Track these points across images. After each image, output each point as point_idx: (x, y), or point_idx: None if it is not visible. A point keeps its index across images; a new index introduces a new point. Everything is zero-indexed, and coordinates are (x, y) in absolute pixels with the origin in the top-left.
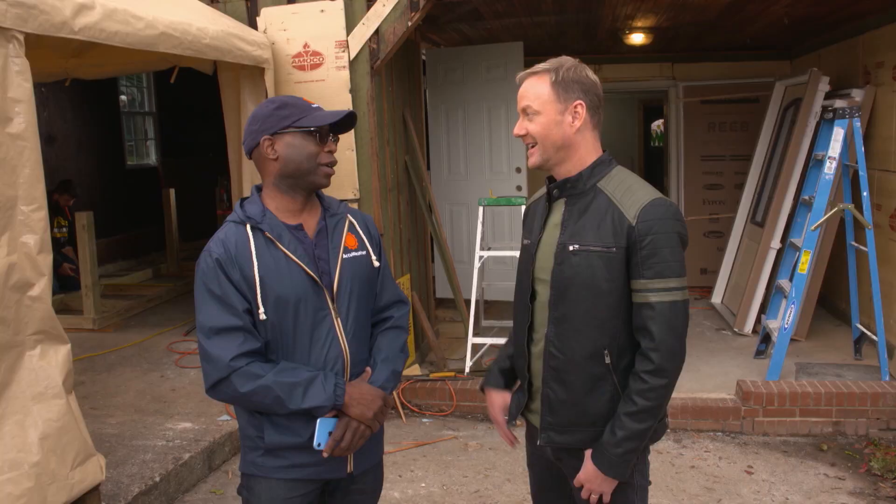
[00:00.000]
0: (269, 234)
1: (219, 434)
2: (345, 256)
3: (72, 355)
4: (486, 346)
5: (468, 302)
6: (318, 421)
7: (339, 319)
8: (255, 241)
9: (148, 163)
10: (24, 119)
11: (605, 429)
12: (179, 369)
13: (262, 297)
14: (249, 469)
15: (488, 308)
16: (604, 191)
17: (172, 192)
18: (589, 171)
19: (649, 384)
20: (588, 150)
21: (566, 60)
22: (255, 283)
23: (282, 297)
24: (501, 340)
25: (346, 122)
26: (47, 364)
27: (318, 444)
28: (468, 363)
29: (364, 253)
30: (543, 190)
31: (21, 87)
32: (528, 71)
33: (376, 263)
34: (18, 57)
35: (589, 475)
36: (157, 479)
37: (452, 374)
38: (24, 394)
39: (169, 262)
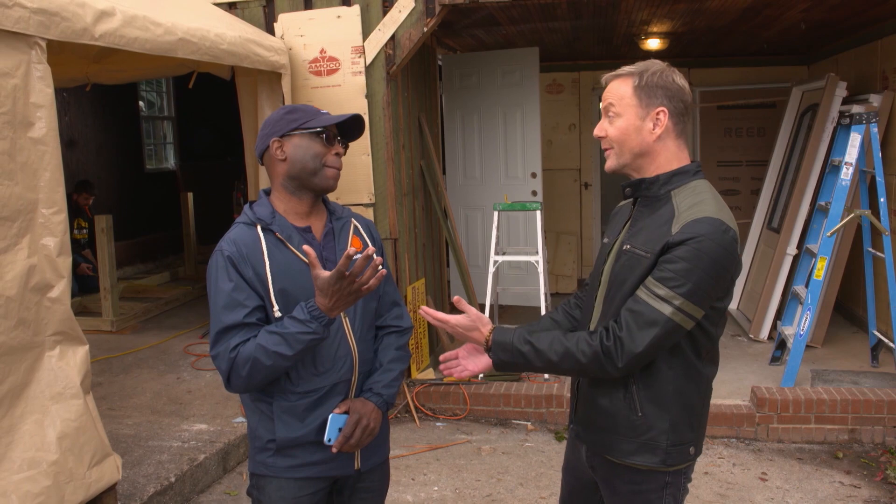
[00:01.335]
0: (279, 235)
1: (234, 436)
2: None
3: (90, 356)
4: None
5: (483, 306)
6: (330, 417)
7: (346, 319)
8: (266, 241)
9: (166, 167)
10: (45, 124)
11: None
12: (195, 371)
13: (275, 294)
14: (259, 469)
15: (502, 313)
16: (673, 201)
17: (190, 195)
18: (667, 178)
19: (593, 350)
20: (669, 158)
21: (653, 64)
22: (267, 281)
23: (293, 297)
24: None
25: (354, 127)
26: (66, 364)
27: (329, 440)
28: None
29: None
30: None
31: (42, 92)
32: (613, 73)
33: None
34: (40, 63)
35: (456, 324)
36: (173, 479)
37: (467, 378)
38: (42, 394)
39: (186, 266)
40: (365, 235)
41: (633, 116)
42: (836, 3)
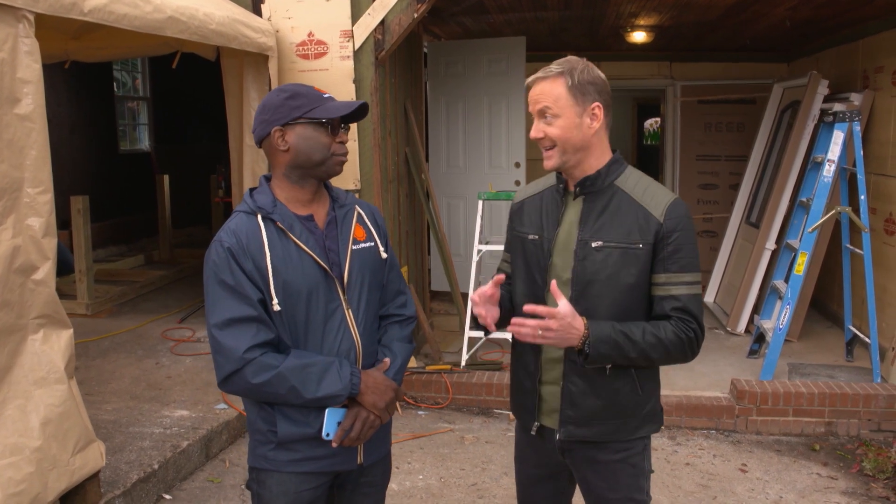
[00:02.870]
0: (280, 225)
1: (216, 423)
2: (354, 248)
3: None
4: (482, 340)
5: (466, 295)
6: (327, 411)
7: (350, 311)
8: (266, 231)
9: (141, 148)
10: (32, 100)
11: (623, 326)
12: (175, 356)
13: (274, 287)
14: (260, 463)
15: None
16: (622, 189)
17: (166, 178)
18: (606, 170)
19: (681, 339)
20: (602, 150)
21: (576, 61)
22: (267, 273)
23: (294, 288)
24: (498, 334)
25: (357, 112)
26: (49, 349)
27: (327, 434)
28: (464, 356)
29: (372, 244)
30: (541, 184)
31: (30, 67)
32: (539, 75)
33: (384, 255)
34: (28, 37)
35: (564, 315)
36: (156, 466)
37: (448, 366)
38: (25, 378)
39: (161, 249)
40: (369, 223)
41: (572, 115)
42: (823, 2)
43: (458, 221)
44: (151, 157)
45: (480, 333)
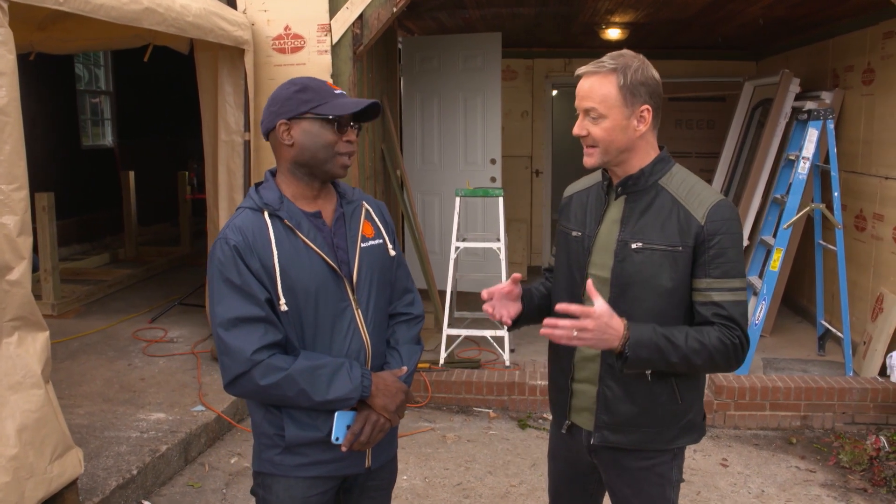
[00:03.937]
0: (287, 222)
1: (194, 425)
2: (362, 245)
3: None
4: (460, 338)
5: (443, 293)
6: (336, 414)
7: (359, 310)
8: (273, 228)
9: (104, 144)
10: (6, 93)
11: (665, 329)
12: (147, 358)
13: (282, 287)
14: (266, 468)
15: (459, 299)
16: (666, 189)
17: (132, 174)
18: (650, 169)
19: (726, 345)
20: (647, 151)
21: (631, 58)
22: (275, 272)
23: (302, 288)
24: (475, 332)
25: (369, 111)
26: (25, 352)
27: (336, 439)
28: (442, 354)
29: (381, 242)
30: (590, 180)
31: (4, 58)
32: (590, 69)
33: (392, 252)
34: (2, 27)
35: (601, 314)
36: (135, 472)
37: (427, 365)
38: (0, 383)
39: (127, 247)
40: (377, 220)
41: (618, 117)
42: (797, 2)
43: (432, 218)
44: (115, 152)
45: (483, 332)
